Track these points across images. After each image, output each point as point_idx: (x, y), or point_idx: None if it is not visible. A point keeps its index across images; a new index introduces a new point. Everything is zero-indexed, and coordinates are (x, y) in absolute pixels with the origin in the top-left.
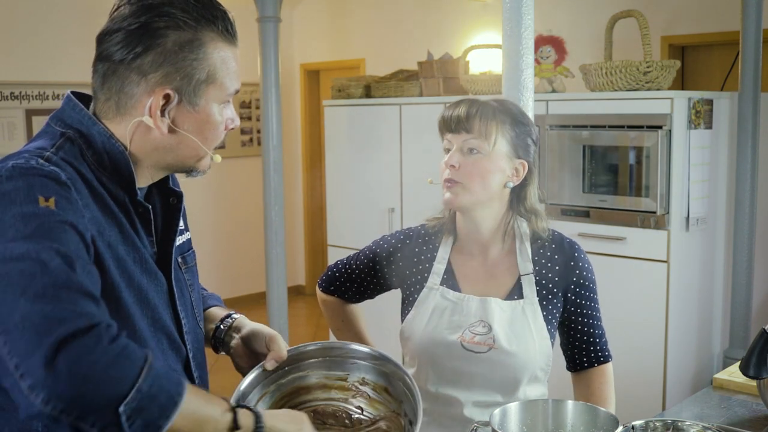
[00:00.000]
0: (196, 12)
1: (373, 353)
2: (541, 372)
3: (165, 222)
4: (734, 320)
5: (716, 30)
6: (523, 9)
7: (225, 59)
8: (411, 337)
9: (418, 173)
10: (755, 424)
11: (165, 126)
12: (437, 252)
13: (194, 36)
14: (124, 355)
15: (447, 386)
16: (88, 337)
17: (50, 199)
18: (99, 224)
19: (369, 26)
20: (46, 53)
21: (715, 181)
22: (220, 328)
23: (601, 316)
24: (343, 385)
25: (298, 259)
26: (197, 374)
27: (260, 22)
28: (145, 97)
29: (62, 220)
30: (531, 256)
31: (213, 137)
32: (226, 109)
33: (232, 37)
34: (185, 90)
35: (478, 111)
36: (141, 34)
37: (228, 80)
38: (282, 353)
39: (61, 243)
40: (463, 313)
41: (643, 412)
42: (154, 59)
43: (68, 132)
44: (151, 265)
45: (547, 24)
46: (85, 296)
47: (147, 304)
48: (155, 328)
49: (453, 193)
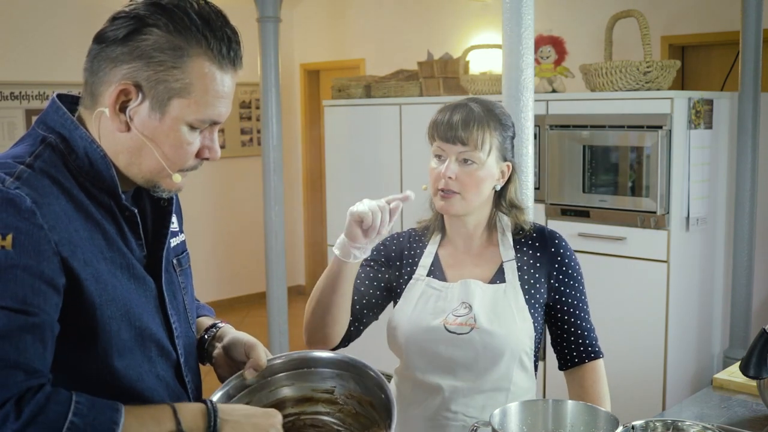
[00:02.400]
0: (196, 25)
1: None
2: (527, 357)
3: (156, 224)
4: (734, 320)
5: (716, 30)
6: (523, 9)
7: (208, 79)
8: (398, 325)
9: (418, 173)
10: (755, 424)
11: (122, 123)
12: (425, 248)
13: (181, 44)
14: (36, 423)
15: (433, 372)
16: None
17: (7, 237)
18: (73, 242)
19: (369, 26)
20: (46, 53)
21: (715, 181)
22: (205, 338)
23: (589, 310)
24: (330, 398)
25: (298, 259)
26: (189, 379)
27: (260, 22)
28: (111, 87)
29: (14, 264)
30: (513, 245)
31: (176, 156)
32: (204, 135)
33: (226, 61)
34: (152, 93)
35: (472, 123)
36: (130, 23)
37: (204, 102)
38: (261, 362)
39: (7, 295)
40: (447, 299)
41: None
42: (130, 50)
43: (49, 137)
44: (138, 270)
45: (547, 24)
46: (6, 368)
47: (132, 315)
48: (142, 338)
49: (449, 203)
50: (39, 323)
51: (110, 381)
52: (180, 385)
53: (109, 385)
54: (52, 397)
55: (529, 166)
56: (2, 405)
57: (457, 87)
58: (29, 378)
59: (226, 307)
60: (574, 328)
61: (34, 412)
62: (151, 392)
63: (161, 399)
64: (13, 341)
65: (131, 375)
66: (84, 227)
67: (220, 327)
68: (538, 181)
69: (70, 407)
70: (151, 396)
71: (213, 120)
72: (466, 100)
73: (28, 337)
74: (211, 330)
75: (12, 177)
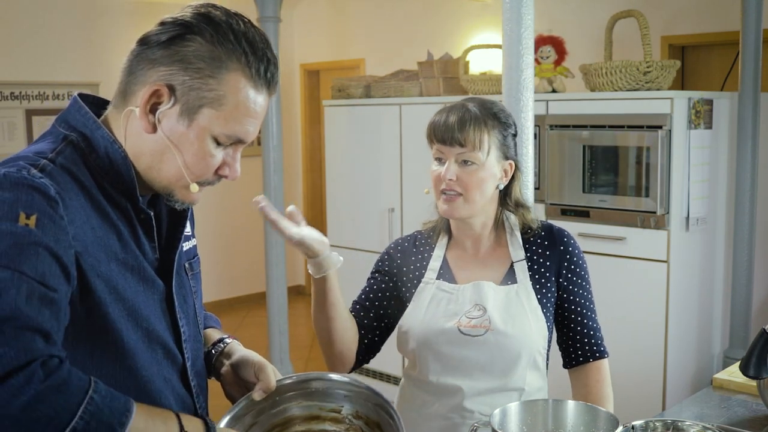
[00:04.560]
0: (239, 41)
1: (365, 387)
2: (540, 357)
3: (170, 227)
4: (734, 320)
5: (716, 30)
6: (523, 9)
7: (241, 95)
8: (409, 329)
9: (418, 173)
10: (755, 424)
11: (149, 124)
12: (433, 251)
13: (221, 56)
14: (60, 390)
15: (447, 375)
16: (19, 377)
17: (31, 217)
18: (87, 240)
19: (369, 26)
20: (46, 53)
21: (715, 181)
22: (212, 353)
23: (595, 310)
24: (336, 417)
25: (298, 259)
26: (195, 383)
27: (260, 22)
28: (146, 87)
29: (37, 242)
30: (522, 244)
31: (196, 167)
32: (228, 152)
33: (262, 81)
34: (184, 98)
35: (468, 123)
36: (176, 29)
37: (233, 117)
38: (270, 384)
39: (29, 267)
40: (459, 302)
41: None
42: (170, 54)
43: (71, 135)
44: (149, 272)
45: (547, 24)
46: (30, 330)
47: (139, 317)
48: (149, 339)
49: (452, 206)
50: (56, 300)
51: (125, 381)
52: (185, 389)
53: (123, 385)
54: (73, 371)
55: (529, 166)
56: (28, 364)
57: (457, 87)
58: (50, 347)
59: (226, 307)
60: (581, 327)
61: (61, 378)
62: (158, 394)
63: (168, 401)
64: (35, 307)
65: (144, 375)
66: (100, 226)
67: (228, 343)
68: (538, 181)
69: (91, 384)
70: (158, 398)
71: (239, 137)
72: (464, 100)
73: (47, 311)
74: (218, 345)
75: (36, 168)
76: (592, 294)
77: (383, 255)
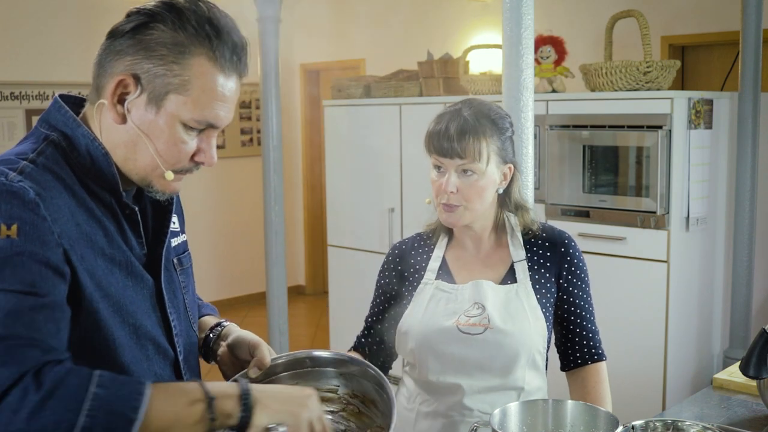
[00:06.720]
0: (202, 26)
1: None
2: (539, 357)
3: (156, 223)
4: (734, 320)
5: (716, 30)
6: (523, 9)
7: (207, 79)
8: (409, 329)
9: (418, 173)
10: (755, 424)
11: (118, 114)
12: (432, 252)
13: (184, 41)
14: (56, 396)
15: (447, 374)
16: (15, 393)
17: (12, 227)
18: (72, 237)
19: (369, 26)
20: (46, 53)
21: (715, 181)
22: (210, 337)
23: (594, 312)
24: (332, 397)
25: (298, 259)
26: (187, 377)
27: (260, 22)
28: (113, 78)
29: (20, 252)
30: (523, 244)
31: (169, 154)
32: (201, 138)
33: (229, 65)
34: (150, 86)
35: (468, 134)
36: (140, 18)
37: (201, 102)
38: (265, 360)
39: (14, 281)
40: (458, 301)
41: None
42: (135, 44)
43: (52, 135)
44: (136, 267)
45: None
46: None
47: (126, 313)
48: (137, 335)
49: (453, 216)
50: (49, 303)
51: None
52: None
53: None
54: (72, 371)
55: (529, 166)
56: (20, 378)
57: (457, 87)
58: (45, 354)
59: (226, 307)
60: (579, 329)
61: (55, 383)
62: None
63: None
64: (25, 320)
65: (134, 371)
66: (85, 223)
67: (225, 325)
68: (538, 181)
69: (92, 380)
70: None
71: (210, 122)
72: (460, 105)
73: (40, 317)
74: (216, 329)
75: (15, 172)
76: (592, 297)
77: (381, 271)
